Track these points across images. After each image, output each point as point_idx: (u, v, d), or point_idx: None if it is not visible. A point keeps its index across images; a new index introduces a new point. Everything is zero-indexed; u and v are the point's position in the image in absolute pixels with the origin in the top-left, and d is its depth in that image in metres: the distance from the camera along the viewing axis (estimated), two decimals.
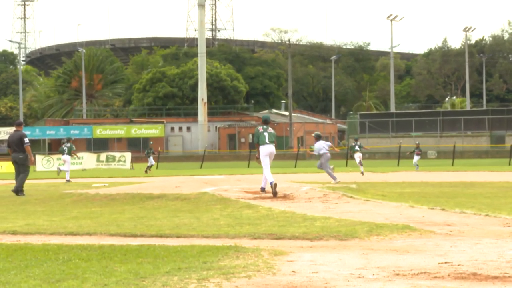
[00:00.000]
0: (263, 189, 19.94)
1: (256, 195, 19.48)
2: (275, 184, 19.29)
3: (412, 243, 11.00)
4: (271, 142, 20.20)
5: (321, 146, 28.61)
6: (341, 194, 18.74)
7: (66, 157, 35.54)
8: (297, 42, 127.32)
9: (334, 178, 27.30)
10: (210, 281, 7.93)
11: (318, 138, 29.13)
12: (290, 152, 76.27)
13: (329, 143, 29.89)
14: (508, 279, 7.94)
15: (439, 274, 8.32)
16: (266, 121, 20.73)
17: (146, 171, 46.18)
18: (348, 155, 58.88)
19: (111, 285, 7.73)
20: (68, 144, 35.76)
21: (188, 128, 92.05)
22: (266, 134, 20.23)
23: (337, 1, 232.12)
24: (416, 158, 44.44)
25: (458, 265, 8.94)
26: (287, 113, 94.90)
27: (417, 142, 47.79)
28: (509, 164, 50.01)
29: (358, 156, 39.06)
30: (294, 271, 8.57)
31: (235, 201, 17.76)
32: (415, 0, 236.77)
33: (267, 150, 20.18)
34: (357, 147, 39.56)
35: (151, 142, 57.84)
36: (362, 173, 37.77)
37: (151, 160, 48.11)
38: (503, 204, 17.73)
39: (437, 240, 11.27)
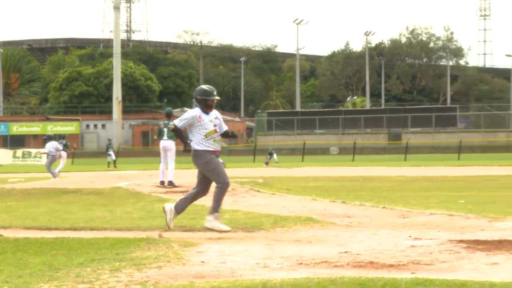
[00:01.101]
0: (167, 183, 20.23)
1: (167, 189, 19.45)
2: (162, 183, 20.23)
3: (314, 234, 11.09)
4: (169, 137, 20.54)
5: (50, 148, 30.49)
6: (249, 188, 18.81)
7: (62, 153, 36.41)
8: (209, 44, 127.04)
9: (54, 175, 29.14)
10: (122, 271, 7.85)
11: (48, 139, 31.66)
12: None
13: (59, 146, 32.31)
14: (402, 267, 8.08)
15: (339, 263, 8.41)
16: (168, 115, 21.26)
17: (115, 166, 45.90)
18: (255, 152, 59.16)
19: (25, 277, 7.59)
20: (64, 141, 36.96)
21: (103, 126, 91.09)
22: (165, 130, 20.66)
23: (246, 5, 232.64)
24: (274, 156, 45.37)
25: (357, 254, 9.05)
26: None
27: (271, 148, 48.55)
28: (405, 160, 50.90)
29: None
30: (203, 262, 8.56)
31: (148, 195, 17.67)
32: (320, 5, 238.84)
33: (162, 145, 20.70)
34: None
35: (110, 138, 57.49)
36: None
37: (112, 156, 48.10)
38: (399, 197, 18.04)
39: (337, 231, 11.39)
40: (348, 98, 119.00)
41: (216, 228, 11.03)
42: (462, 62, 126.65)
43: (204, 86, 11.31)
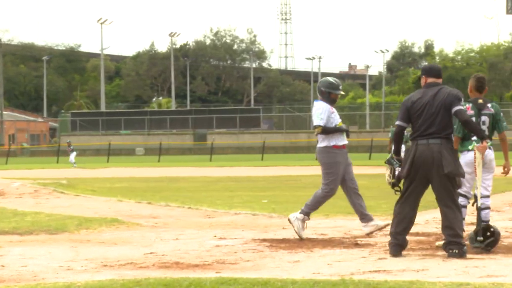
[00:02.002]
0: None
1: None
2: None
3: (119, 235, 11.01)
4: None
5: None
6: (52, 189, 18.42)
7: None
8: (9, 42, 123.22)
9: None
10: None
11: None
12: (1, 150, 73.78)
13: None
14: (208, 267, 8.17)
15: (144, 264, 8.39)
16: None
17: None
18: (58, 153, 57.96)
19: None
20: None
21: None
22: None
23: (49, 3, 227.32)
24: (72, 155, 44.63)
25: (163, 255, 9.06)
26: None
27: (68, 141, 47.97)
28: (210, 160, 51.47)
29: None
30: (3, 265, 8.29)
31: None
32: (124, 5, 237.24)
33: None
34: None
35: None
36: None
37: None
38: (204, 197, 18.22)
39: (143, 232, 11.36)
40: (154, 99, 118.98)
41: (299, 231, 10.28)
42: (265, 64, 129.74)
43: (330, 79, 10.57)
